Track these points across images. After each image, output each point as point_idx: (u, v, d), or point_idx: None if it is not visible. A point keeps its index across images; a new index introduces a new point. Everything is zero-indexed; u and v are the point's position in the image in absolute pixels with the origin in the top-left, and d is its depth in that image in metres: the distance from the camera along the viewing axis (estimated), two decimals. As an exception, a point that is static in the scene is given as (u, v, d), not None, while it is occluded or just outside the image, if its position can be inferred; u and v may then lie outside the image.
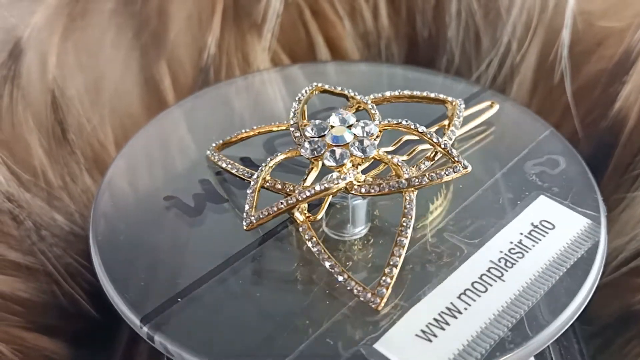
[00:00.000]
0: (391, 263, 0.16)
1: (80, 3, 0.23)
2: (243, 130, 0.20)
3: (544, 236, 0.18)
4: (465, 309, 0.16)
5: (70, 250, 0.21)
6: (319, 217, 0.17)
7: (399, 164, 0.17)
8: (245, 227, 0.16)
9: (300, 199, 0.16)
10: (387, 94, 0.19)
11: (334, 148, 0.17)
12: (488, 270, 0.17)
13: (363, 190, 0.16)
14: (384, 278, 0.15)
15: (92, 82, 0.23)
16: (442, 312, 0.16)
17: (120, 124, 0.24)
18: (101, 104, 0.23)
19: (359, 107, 0.19)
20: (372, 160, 0.17)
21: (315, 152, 0.17)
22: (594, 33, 0.23)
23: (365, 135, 0.17)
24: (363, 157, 0.17)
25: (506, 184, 0.19)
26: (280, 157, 0.17)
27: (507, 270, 0.17)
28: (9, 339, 0.19)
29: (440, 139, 0.17)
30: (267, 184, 0.17)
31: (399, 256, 0.16)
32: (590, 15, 0.23)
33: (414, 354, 0.15)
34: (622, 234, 0.22)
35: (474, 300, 0.16)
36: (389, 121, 0.18)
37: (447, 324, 0.15)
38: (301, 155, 0.17)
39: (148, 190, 0.19)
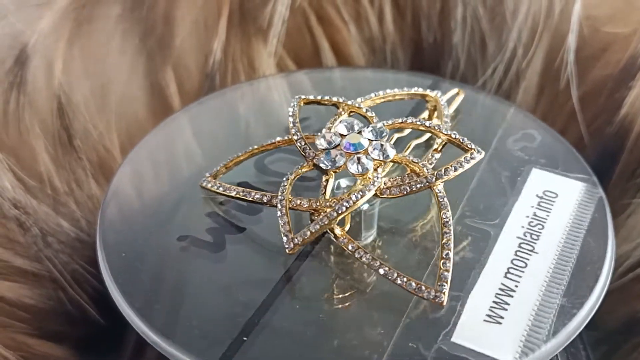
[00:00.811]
0: (444, 256, 0.16)
1: (86, 9, 0.23)
2: (235, 155, 0.19)
3: (552, 205, 0.19)
4: (516, 286, 0.17)
5: (76, 257, 0.21)
6: (347, 228, 0.17)
7: (415, 161, 0.17)
8: (289, 251, 0.16)
9: (340, 212, 0.16)
10: (372, 95, 0.19)
11: (357, 155, 0.17)
12: (520, 247, 0.18)
13: (394, 192, 0.16)
14: (443, 273, 0.16)
15: (98, 87, 0.23)
16: (498, 294, 0.16)
17: (126, 129, 0.24)
18: (107, 109, 0.23)
19: (350, 112, 0.19)
20: (391, 162, 0.17)
21: (335, 163, 0.17)
22: (600, 38, 0.23)
23: (378, 138, 0.17)
24: (384, 160, 0.17)
25: (498, 163, 0.20)
26: (300, 171, 0.17)
27: (535, 243, 0.18)
28: (15, 346, 0.19)
29: (449, 130, 0.17)
30: (291, 204, 0.17)
31: (450, 249, 0.16)
32: (596, 20, 0.23)
33: (492, 339, 0.15)
34: (628, 240, 0.22)
35: (520, 277, 0.17)
36: (394, 121, 0.18)
37: (507, 303, 0.16)
38: (313, 169, 0.17)
39: (154, 195, 0.19)
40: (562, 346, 0.15)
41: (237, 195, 0.18)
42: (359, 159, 0.16)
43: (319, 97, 0.19)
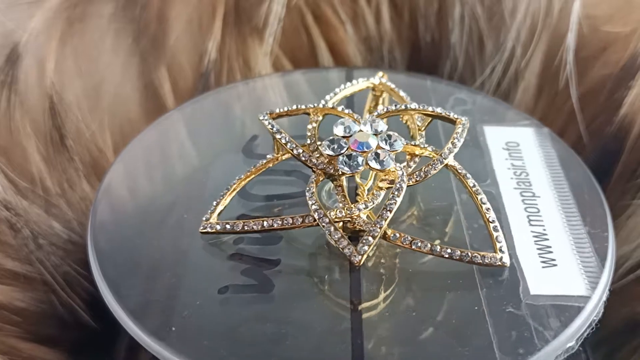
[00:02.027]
0: (491, 221, 0.17)
1: (78, 7, 0.23)
2: (235, 182, 0.18)
3: (520, 152, 0.20)
4: (544, 230, 0.18)
5: (68, 259, 0.21)
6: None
7: (423, 146, 0.17)
8: (357, 263, 0.16)
9: (391, 210, 0.16)
10: (332, 94, 0.19)
11: (375, 152, 0.16)
12: (522, 195, 0.19)
13: (418, 178, 0.17)
14: (497, 237, 0.17)
15: (91, 87, 0.23)
16: (536, 241, 0.18)
17: (119, 130, 0.24)
18: (100, 109, 0.23)
19: (325, 114, 0.18)
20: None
21: (356, 165, 0.16)
22: (599, 38, 0.23)
23: (377, 131, 0.17)
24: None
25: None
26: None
27: (531, 188, 0.19)
28: (6, 350, 0.19)
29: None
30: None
31: (491, 212, 0.17)
32: (595, 20, 0.23)
33: (561, 280, 0.17)
34: (628, 241, 0.21)
35: (542, 220, 0.18)
36: (382, 110, 0.18)
37: (549, 247, 0.17)
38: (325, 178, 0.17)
39: (147, 196, 0.19)
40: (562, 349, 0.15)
41: (258, 229, 0.17)
42: (377, 155, 0.16)
43: (286, 109, 0.18)
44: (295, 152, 0.17)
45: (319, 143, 0.17)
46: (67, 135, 0.22)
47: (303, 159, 0.17)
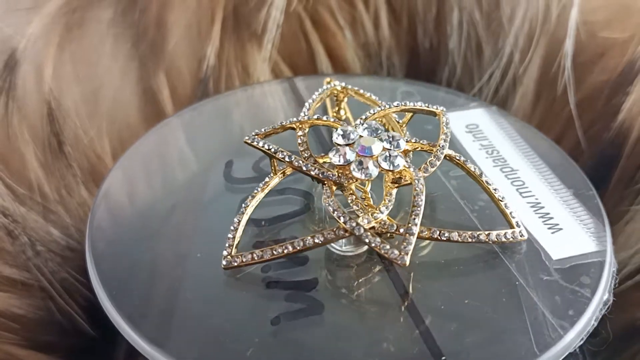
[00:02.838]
0: (501, 199, 0.17)
1: (77, 13, 0.23)
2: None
3: (482, 132, 0.21)
4: (537, 199, 0.19)
5: (66, 266, 0.21)
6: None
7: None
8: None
9: (420, 205, 0.16)
10: (307, 106, 0.19)
11: (386, 153, 0.16)
12: (502, 171, 0.20)
13: (424, 173, 0.17)
14: (512, 212, 0.17)
15: (89, 93, 0.23)
16: (534, 211, 0.19)
17: (117, 135, 0.24)
18: (98, 115, 0.23)
19: (311, 126, 0.18)
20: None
21: (371, 171, 0.16)
22: (597, 44, 0.23)
23: (376, 134, 0.17)
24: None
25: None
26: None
27: (507, 163, 0.20)
28: (3, 357, 0.19)
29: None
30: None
31: (500, 192, 0.17)
32: (593, 26, 0.23)
33: (574, 240, 0.18)
34: (626, 247, 0.21)
35: (530, 191, 0.19)
36: (373, 112, 0.18)
37: (548, 213, 0.19)
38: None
39: (146, 202, 0.19)
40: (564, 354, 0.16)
41: (289, 251, 0.16)
42: (389, 155, 0.16)
43: (271, 127, 0.18)
44: (304, 168, 0.17)
45: (330, 155, 0.17)
46: (66, 141, 0.22)
47: (313, 173, 0.17)
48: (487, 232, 0.17)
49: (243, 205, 0.17)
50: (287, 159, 0.17)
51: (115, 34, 0.23)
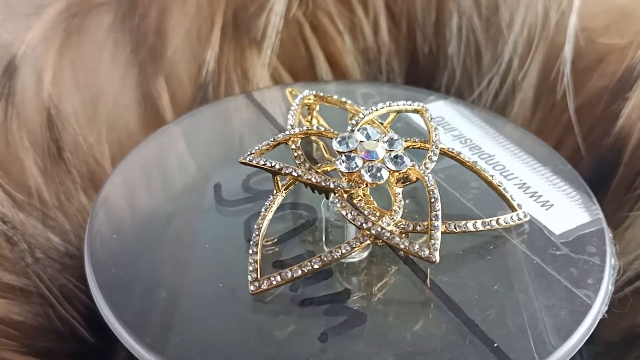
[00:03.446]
0: (499, 184, 0.18)
1: (76, 18, 0.23)
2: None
3: (449, 124, 0.22)
4: (521, 180, 0.20)
5: (65, 272, 0.21)
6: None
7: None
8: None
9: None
10: (291, 118, 0.19)
11: (392, 154, 0.17)
12: (480, 158, 0.20)
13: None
14: (511, 196, 0.18)
15: (89, 99, 0.23)
16: (523, 192, 0.19)
17: (117, 141, 0.24)
18: (98, 121, 0.23)
19: (302, 137, 0.18)
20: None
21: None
22: (596, 50, 0.23)
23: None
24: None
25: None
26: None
27: (482, 149, 0.21)
28: (2, 364, 0.19)
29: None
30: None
31: (497, 177, 0.18)
32: (592, 32, 0.23)
33: (570, 214, 0.19)
34: (625, 253, 0.21)
35: (513, 173, 0.20)
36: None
37: (536, 192, 0.19)
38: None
39: (145, 208, 0.19)
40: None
41: (318, 267, 0.16)
42: (396, 156, 0.17)
43: (266, 144, 0.17)
44: (314, 180, 0.16)
45: (337, 163, 0.17)
46: (65, 147, 0.22)
47: (325, 185, 0.16)
48: (496, 219, 0.17)
49: (255, 227, 0.17)
50: (294, 174, 0.16)
51: (115, 39, 0.23)
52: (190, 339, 0.15)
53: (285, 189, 0.17)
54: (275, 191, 0.17)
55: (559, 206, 0.19)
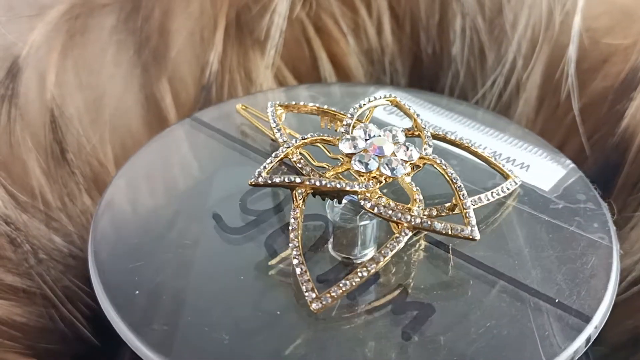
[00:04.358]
0: (489, 155, 0.19)
1: (79, 19, 0.23)
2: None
3: (393, 109, 0.22)
4: (492, 149, 0.20)
5: (69, 273, 0.21)
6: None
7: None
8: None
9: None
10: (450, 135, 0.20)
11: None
12: (455, 135, 0.20)
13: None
14: (504, 166, 0.19)
15: (92, 100, 0.23)
16: (503, 161, 0.20)
17: (120, 143, 0.23)
18: (101, 122, 0.23)
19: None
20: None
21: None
22: (600, 50, 0.23)
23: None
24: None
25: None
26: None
27: (441, 128, 0.21)
28: (6, 366, 0.19)
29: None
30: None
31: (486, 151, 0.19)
32: (596, 32, 0.23)
33: (547, 169, 0.20)
34: (630, 254, 0.21)
35: (482, 145, 0.20)
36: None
37: (509, 157, 0.20)
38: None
39: (149, 209, 0.19)
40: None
41: (375, 269, 0.16)
42: (407, 147, 0.17)
43: (270, 162, 0.17)
44: (338, 186, 0.16)
45: (352, 163, 0.17)
46: (68, 148, 0.22)
47: (349, 189, 0.16)
48: (500, 187, 0.18)
49: (293, 246, 0.16)
50: (318, 184, 0.16)
51: (118, 41, 0.23)
52: (195, 340, 0.15)
53: (302, 200, 0.17)
54: (294, 206, 0.16)
55: (535, 165, 0.20)
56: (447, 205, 0.17)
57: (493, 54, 0.25)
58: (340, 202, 0.17)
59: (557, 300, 0.16)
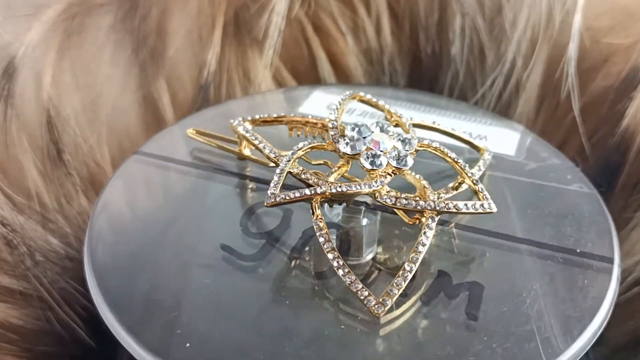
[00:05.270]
0: (463, 132, 0.20)
1: (76, 19, 0.22)
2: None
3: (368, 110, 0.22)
4: (471, 133, 0.21)
5: (65, 275, 0.20)
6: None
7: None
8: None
9: (320, 192, 0.16)
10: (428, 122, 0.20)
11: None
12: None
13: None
14: (475, 143, 0.20)
15: (89, 100, 0.23)
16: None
17: (117, 143, 0.23)
18: (98, 123, 0.23)
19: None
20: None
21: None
22: (600, 50, 0.23)
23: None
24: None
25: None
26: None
27: (403, 117, 0.20)
28: (1, 368, 0.18)
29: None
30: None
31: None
32: (596, 31, 0.23)
33: (504, 134, 0.21)
34: (631, 254, 0.21)
35: (439, 125, 0.20)
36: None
37: (480, 133, 0.21)
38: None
39: (146, 211, 0.19)
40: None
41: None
42: (403, 139, 0.17)
43: (277, 180, 0.17)
44: (356, 189, 0.16)
45: (362, 160, 0.17)
46: (65, 149, 0.22)
47: (368, 189, 0.16)
48: (482, 161, 0.19)
49: (333, 257, 0.16)
50: (335, 190, 0.16)
51: (115, 40, 0.23)
52: (193, 342, 0.15)
53: (318, 209, 0.16)
54: (316, 217, 0.16)
55: (492, 135, 0.21)
56: (450, 185, 0.18)
57: (493, 54, 0.25)
58: (348, 205, 0.17)
59: (578, 251, 0.17)
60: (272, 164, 0.18)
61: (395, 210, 0.17)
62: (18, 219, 0.20)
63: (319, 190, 0.16)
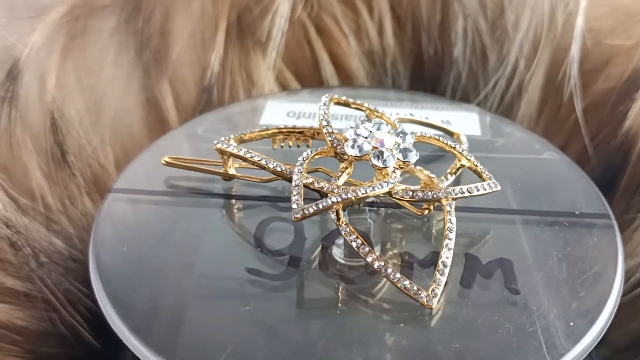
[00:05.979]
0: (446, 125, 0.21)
1: (80, 21, 0.22)
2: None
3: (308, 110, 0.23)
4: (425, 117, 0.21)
5: (70, 276, 0.20)
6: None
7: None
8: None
9: (346, 197, 0.16)
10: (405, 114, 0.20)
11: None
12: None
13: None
14: (460, 136, 0.21)
15: (93, 102, 0.23)
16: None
17: (121, 145, 0.23)
18: (102, 124, 0.23)
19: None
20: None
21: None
22: (602, 51, 0.23)
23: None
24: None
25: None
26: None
27: (380, 112, 0.20)
28: (6, 370, 0.18)
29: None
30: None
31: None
32: (598, 33, 0.23)
33: (470, 119, 0.22)
34: (634, 255, 0.21)
35: (414, 116, 0.21)
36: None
37: (443, 119, 0.22)
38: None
39: (150, 212, 0.19)
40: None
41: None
42: (383, 153, 0.17)
43: (296, 195, 0.17)
44: (377, 190, 0.16)
45: (373, 160, 0.17)
46: (69, 150, 0.22)
47: (386, 188, 0.16)
48: (462, 147, 0.19)
49: (371, 260, 0.16)
50: (356, 195, 0.16)
51: (119, 42, 0.23)
52: (197, 343, 0.15)
53: (338, 218, 0.16)
54: (341, 223, 0.16)
55: (455, 120, 0.22)
56: (448, 171, 0.18)
57: (495, 55, 0.25)
58: (359, 207, 0.17)
59: (577, 213, 0.18)
60: (258, 180, 0.18)
61: (402, 204, 0.18)
62: (22, 221, 0.20)
63: (344, 197, 0.16)
